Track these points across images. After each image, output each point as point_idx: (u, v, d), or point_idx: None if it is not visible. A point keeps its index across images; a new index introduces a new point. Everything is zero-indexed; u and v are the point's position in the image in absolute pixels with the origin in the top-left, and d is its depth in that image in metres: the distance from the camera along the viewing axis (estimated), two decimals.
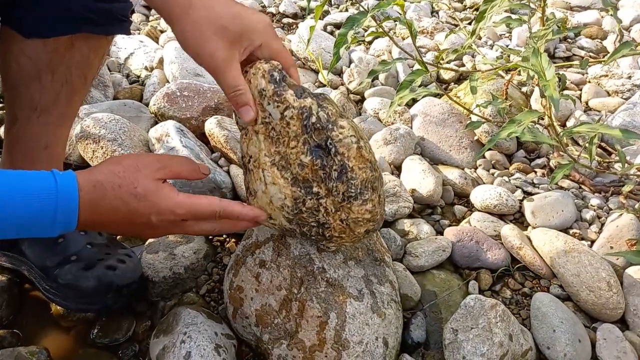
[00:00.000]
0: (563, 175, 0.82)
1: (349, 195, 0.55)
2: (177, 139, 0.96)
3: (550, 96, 0.66)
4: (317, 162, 0.56)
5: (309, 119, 0.55)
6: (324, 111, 0.55)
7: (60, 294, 0.71)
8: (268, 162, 0.58)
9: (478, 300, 0.70)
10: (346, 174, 0.55)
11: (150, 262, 0.80)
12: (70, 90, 0.70)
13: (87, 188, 0.49)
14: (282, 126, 0.56)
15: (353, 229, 0.58)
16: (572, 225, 0.95)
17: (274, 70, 0.56)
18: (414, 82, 0.90)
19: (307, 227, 0.60)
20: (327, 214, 0.58)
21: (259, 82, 0.56)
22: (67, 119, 0.74)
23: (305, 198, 0.57)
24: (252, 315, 0.68)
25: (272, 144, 0.58)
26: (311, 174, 0.56)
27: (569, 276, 0.79)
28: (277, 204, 0.59)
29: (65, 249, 0.72)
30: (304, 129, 0.55)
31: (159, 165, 0.54)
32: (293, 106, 0.55)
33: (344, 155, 0.54)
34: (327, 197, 0.57)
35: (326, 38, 1.57)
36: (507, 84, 1.14)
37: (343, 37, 0.93)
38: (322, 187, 0.57)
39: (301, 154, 0.56)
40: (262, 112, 0.57)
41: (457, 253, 0.86)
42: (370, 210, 0.57)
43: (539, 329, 0.73)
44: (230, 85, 0.55)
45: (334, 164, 0.55)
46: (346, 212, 0.57)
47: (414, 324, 0.75)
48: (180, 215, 0.53)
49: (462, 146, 1.13)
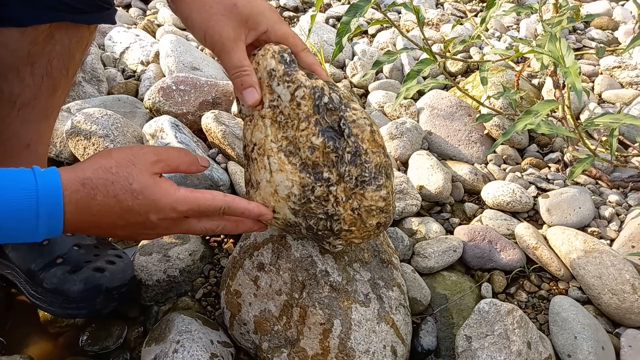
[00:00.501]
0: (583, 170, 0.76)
1: (362, 179, 0.52)
2: (171, 134, 0.91)
3: (572, 84, 0.61)
4: (329, 144, 0.53)
5: (321, 98, 0.53)
6: (335, 93, 0.53)
7: (46, 299, 0.67)
8: (274, 148, 0.55)
9: (493, 304, 0.65)
10: (360, 156, 0.52)
11: (143, 264, 0.75)
12: (52, 83, 0.65)
13: (74, 186, 0.45)
14: (292, 108, 0.54)
15: (365, 220, 0.54)
16: (590, 223, 0.89)
17: (284, 51, 0.55)
18: (422, 72, 0.85)
19: (314, 220, 0.55)
20: (337, 203, 0.54)
21: (268, 62, 0.54)
22: (49, 115, 0.70)
23: (315, 185, 0.54)
24: (251, 321, 0.64)
25: (280, 129, 0.55)
26: (322, 157, 0.53)
27: (590, 278, 0.74)
28: (283, 193, 0.55)
29: (50, 251, 0.67)
30: (316, 109, 0.53)
31: (155, 158, 0.50)
32: (305, 85, 0.53)
33: (358, 136, 0.52)
34: (338, 183, 0.53)
35: (328, 30, 1.52)
36: (518, 75, 1.09)
37: (346, 26, 0.88)
38: (334, 172, 0.53)
39: (312, 135, 0.53)
40: (269, 94, 0.55)
41: (469, 253, 0.81)
42: (384, 197, 0.53)
43: (558, 336, 0.68)
44: (235, 65, 0.52)
45: (347, 146, 0.52)
46: (359, 200, 0.53)
47: (424, 330, 0.71)
48: (182, 212, 0.49)
49: (472, 140, 1.08)
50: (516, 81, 1.12)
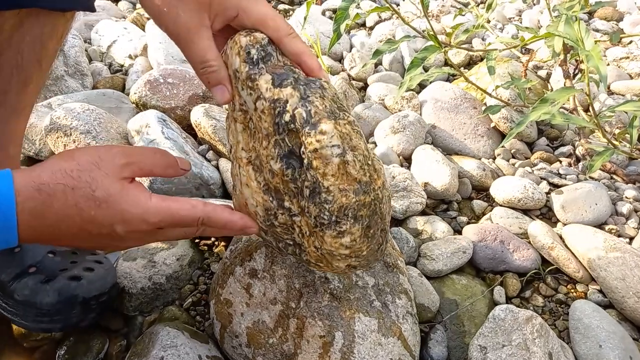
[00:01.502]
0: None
1: (320, 221, 0.43)
2: (158, 129, 0.85)
3: (596, 67, 0.55)
4: (287, 172, 0.43)
5: (281, 116, 0.42)
6: (304, 108, 0.41)
7: (18, 312, 0.61)
8: (244, 158, 0.47)
9: (510, 311, 0.59)
10: (319, 194, 0.42)
11: (127, 270, 0.69)
12: (22, 77, 0.59)
13: (28, 193, 0.38)
14: (257, 118, 0.44)
15: (330, 262, 0.46)
16: (607, 221, 0.84)
17: (253, 45, 0.44)
18: (426, 60, 0.79)
19: (282, 244, 0.48)
20: (302, 235, 0.46)
21: (233, 60, 0.44)
22: (20, 112, 0.63)
23: (277, 211, 0.46)
24: (243, 333, 0.58)
25: (250, 138, 0.46)
26: (282, 185, 0.44)
27: (612, 280, 0.68)
28: (251, 209, 0.48)
29: (22, 259, 0.61)
30: (276, 127, 0.43)
31: (124, 160, 0.43)
32: (264, 97, 0.43)
33: (319, 170, 0.41)
34: (302, 215, 0.45)
35: (324, 22, 1.46)
36: (526, 65, 1.03)
37: (344, 12, 0.82)
38: (295, 203, 0.45)
39: (271, 158, 0.44)
40: (238, 97, 0.46)
41: (480, 255, 0.75)
42: (347, 245, 0.44)
43: (581, 344, 0.62)
44: (198, 58, 0.44)
45: (306, 179, 0.42)
46: (319, 241, 0.45)
47: (433, 340, 0.65)
48: (154, 224, 0.42)
49: (478, 134, 1.02)
50: (524, 71, 1.06)
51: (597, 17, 1.83)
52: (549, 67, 1.29)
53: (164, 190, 0.80)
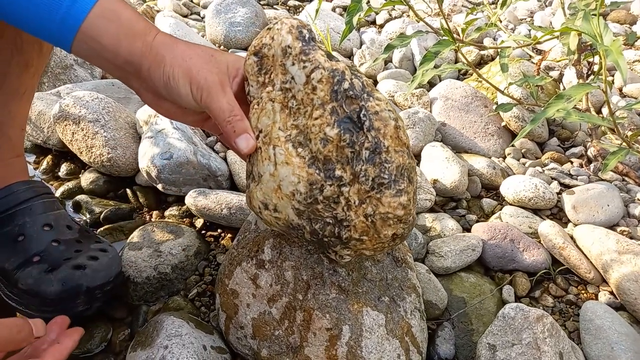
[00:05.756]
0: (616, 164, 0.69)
1: (380, 182, 0.45)
2: (167, 119, 0.84)
3: (615, 62, 0.54)
4: (345, 137, 0.45)
5: (340, 84, 0.45)
6: (358, 79, 0.46)
7: (23, 301, 0.60)
8: (282, 137, 0.48)
9: (520, 310, 0.58)
10: (380, 154, 0.45)
11: (133, 259, 0.68)
12: (23, 59, 0.59)
13: None
14: (306, 92, 0.46)
15: (379, 230, 0.46)
16: (619, 222, 0.82)
17: (303, 27, 0.48)
18: (440, 55, 0.78)
19: (320, 224, 0.48)
20: (349, 207, 0.46)
21: (284, 37, 0.47)
22: (22, 95, 0.63)
23: (324, 183, 0.46)
24: (249, 325, 0.57)
25: (290, 116, 0.48)
26: (335, 152, 0.46)
27: (625, 282, 0.67)
28: (288, 190, 0.47)
29: (26, 248, 0.60)
30: (334, 95, 0.45)
31: None
32: (324, 67, 0.45)
33: (380, 131, 0.45)
34: (352, 184, 0.46)
35: (335, 18, 1.45)
36: (539, 63, 1.02)
37: (357, 4, 0.81)
38: (347, 170, 0.46)
39: (326, 125, 0.45)
40: (282, 75, 0.47)
41: (489, 253, 0.74)
42: (404, 204, 0.45)
43: (592, 345, 0.61)
44: (226, 108, 0.46)
45: (367, 141, 0.45)
46: (374, 205, 0.45)
47: (441, 337, 0.64)
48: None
49: (488, 133, 1.01)
50: (537, 70, 1.05)
51: (610, 20, 1.81)
52: (561, 67, 1.28)
53: (172, 180, 0.80)
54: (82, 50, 0.43)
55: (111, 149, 0.83)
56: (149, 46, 0.44)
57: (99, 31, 0.42)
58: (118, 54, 0.43)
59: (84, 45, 0.43)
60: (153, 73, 0.45)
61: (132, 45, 0.44)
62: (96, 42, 0.42)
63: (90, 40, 0.42)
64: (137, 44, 0.44)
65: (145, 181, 0.85)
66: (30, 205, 0.64)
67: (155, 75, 0.45)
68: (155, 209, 0.83)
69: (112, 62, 0.44)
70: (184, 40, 0.48)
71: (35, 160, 0.94)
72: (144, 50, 0.44)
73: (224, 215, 0.75)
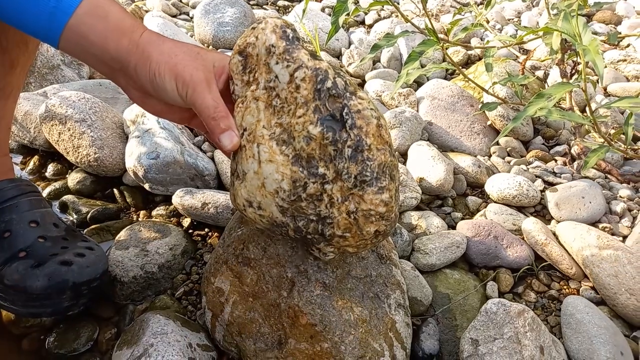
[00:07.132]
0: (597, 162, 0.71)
1: (362, 179, 0.45)
2: (153, 119, 0.84)
3: (593, 61, 0.55)
4: (327, 135, 0.46)
5: (324, 82, 0.46)
6: (341, 78, 0.47)
7: (8, 297, 0.60)
8: (266, 135, 0.48)
9: (502, 305, 0.59)
10: (362, 152, 0.45)
11: (119, 259, 0.69)
12: (8, 59, 0.59)
13: None
14: (290, 91, 0.47)
15: (361, 227, 0.47)
16: (601, 219, 0.84)
17: (287, 26, 0.48)
18: (424, 54, 0.79)
19: (303, 221, 0.48)
20: (332, 204, 0.47)
21: (267, 37, 0.48)
22: (8, 95, 0.63)
23: (308, 181, 0.47)
24: (234, 322, 0.57)
25: (274, 115, 0.48)
26: (319, 149, 0.46)
27: (605, 277, 0.68)
28: (271, 187, 0.48)
29: (12, 244, 0.61)
30: (317, 94, 0.46)
31: None
32: (307, 66, 0.46)
33: (362, 129, 0.45)
34: (335, 182, 0.46)
35: (323, 18, 1.46)
36: (523, 63, 1.03)
37: (343, 5, 0.82)
38: (330, 167, 0.46)
39: (310, 123, 0.46)
40: (266, 74, 0.48)
41: (473, 250, 0.75)
42: (386, 201, 0.46)
43: (572, 339, 0.62)
44: (211, 104, 0.46)
45: (349, 139, 0.45)
46: (356, 202, 0.46)
47: (425, 333, 0.65)
48: None
49: (474, 132, 1.02)
50: (521, 70, 1.06)
51: (596, 20, 1.84)
52: (546, 67, 1.30)
53: (159, 180, 0.80)
54: (69, 46, 0.43)
55: (98, 148, 0.83)
56: (135, 43, 0.45)
57: (86, 27, 0.42)
58: (105, 50, 0.44)
59: (71, 42, 0.43)
60: (139, 70, 0.45)
61: (119, 42, 0.44)
62: (83, 38, 0.43)
63: (78, 37, 0.43)
64: (124, 41, 0.44)
65: (133, 181, 0.85)
66: (16, 202, 0.64)
67: (142, 72, 0.45)
68: (143, 208, 0.83)
69: (99, 58, 0.45)
70: (170, 38, 0.48)
71: (22, 160, 0.94)
72: (131, 47, 0.44)
73: (211, 215, 0.75)
